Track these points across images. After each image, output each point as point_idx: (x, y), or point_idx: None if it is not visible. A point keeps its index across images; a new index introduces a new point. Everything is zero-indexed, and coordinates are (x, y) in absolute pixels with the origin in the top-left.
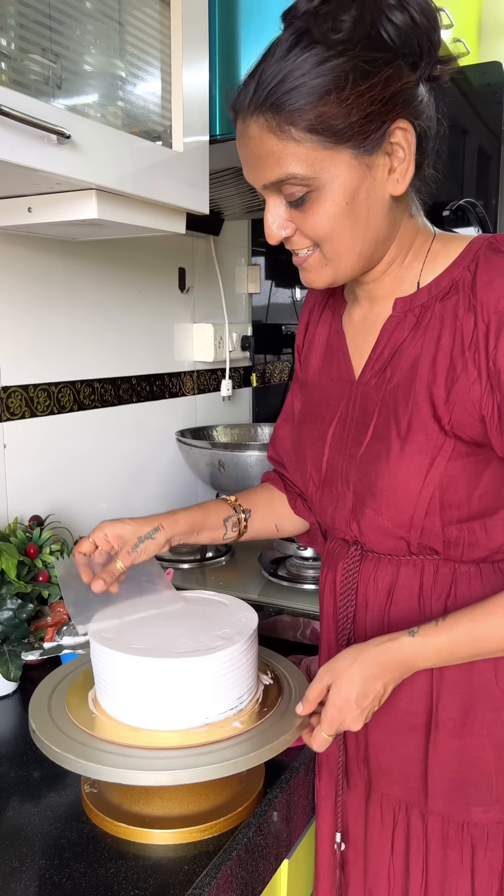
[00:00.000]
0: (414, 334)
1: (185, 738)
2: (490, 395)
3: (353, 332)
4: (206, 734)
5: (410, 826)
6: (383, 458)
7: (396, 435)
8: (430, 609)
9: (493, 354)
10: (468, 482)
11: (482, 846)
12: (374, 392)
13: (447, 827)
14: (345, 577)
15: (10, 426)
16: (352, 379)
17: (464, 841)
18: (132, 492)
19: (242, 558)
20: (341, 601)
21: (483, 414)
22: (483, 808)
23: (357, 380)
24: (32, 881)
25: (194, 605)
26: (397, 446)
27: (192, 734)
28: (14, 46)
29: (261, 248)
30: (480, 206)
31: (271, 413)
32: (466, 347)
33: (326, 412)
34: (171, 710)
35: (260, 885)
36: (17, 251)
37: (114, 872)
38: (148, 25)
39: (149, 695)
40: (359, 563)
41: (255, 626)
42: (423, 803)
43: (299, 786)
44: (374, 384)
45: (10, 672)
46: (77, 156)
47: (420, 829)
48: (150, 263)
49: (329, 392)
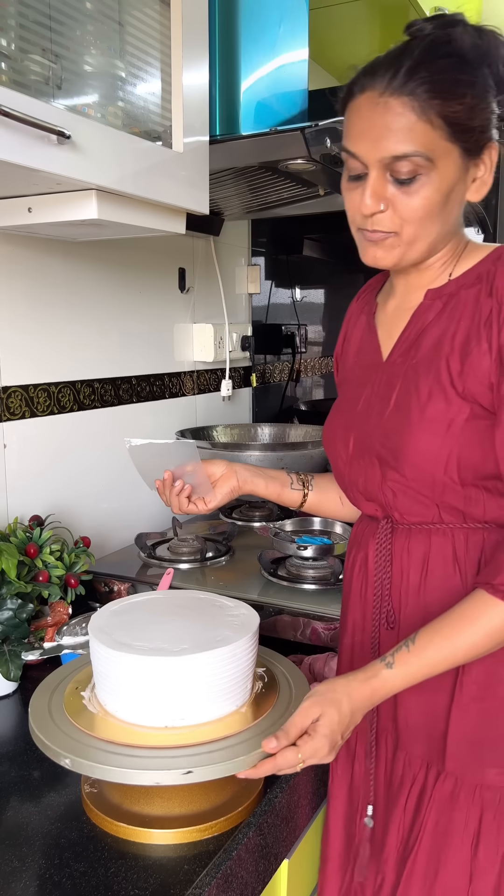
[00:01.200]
0: (439, 317)
1: (185, 737)
2: (497, 365)
3: (386, 320)
4: (206, 733)
5: (426, 785)
6: (405, 425)
7: (417, 404)
8: (467, 574)
9: (501, 329)
10: (483, 444)
11: (491, 808)
12: (398, 369)
13: (459, 788)
14: (378, 552)
15: (10, 426)
16: (380, 361)
17: (473, 804)
18: (132, 492)
19: (242, 558)
20: (376, 577)
21: (491, 382)
22: (497, 769)
23: (385, 361)
24: (32, 881)
25: (195, 604)
26: (417, 413)
27: (193, 733)
28: (14, 46)
29: (261, 248)
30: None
31: (271, 413)
32: (482, 325)
33: (356, 394)
34: (171, 708)
35: (260, 885)
36: (17, 251)
37: (114, 872)
38: (148, 26)
39: (149, 693)
40: (391, 537)
41: (256, 624)
42: (440, 762)
43: (299, 785)
44: (399, 362)
45: (10, 672)
46: (77, 156)
47: (433, 789)
48: (150, 264)
49: (360, 377)
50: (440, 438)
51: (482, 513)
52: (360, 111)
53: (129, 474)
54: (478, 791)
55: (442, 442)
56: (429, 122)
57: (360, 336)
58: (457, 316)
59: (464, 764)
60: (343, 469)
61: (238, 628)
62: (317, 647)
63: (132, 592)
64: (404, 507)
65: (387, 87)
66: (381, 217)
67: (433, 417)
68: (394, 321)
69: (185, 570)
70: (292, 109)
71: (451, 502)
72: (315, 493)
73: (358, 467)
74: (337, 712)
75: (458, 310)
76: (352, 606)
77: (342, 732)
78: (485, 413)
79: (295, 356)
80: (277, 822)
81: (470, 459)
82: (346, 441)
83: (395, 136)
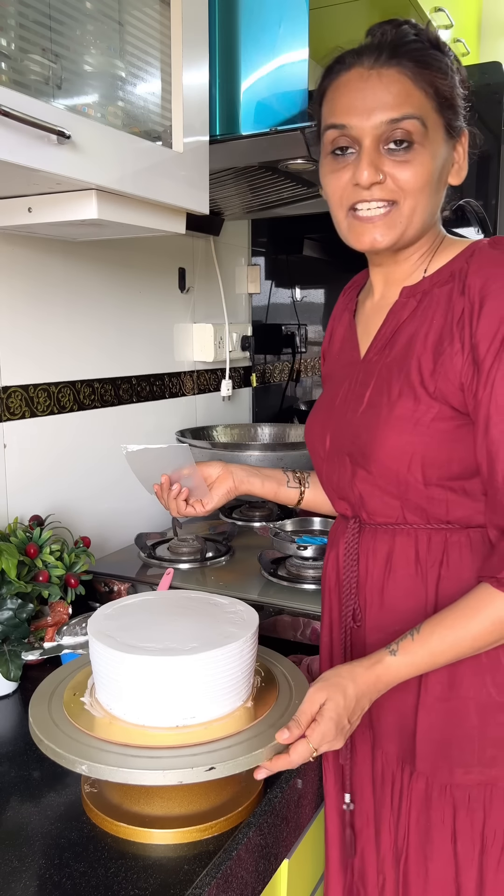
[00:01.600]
0: (413, 315)
1: (185, 737)
2: (470, 365)
3: (365, 318)
4: (219, 730)
5: (403, 784)
6: (374, 423)
7: (387, 402)
8: (426, 575)
9: (475, 329)
10: (449, 444)
11: (464, 807)
12: (373, 367)
13: (430, 788)
14: (346, 550)
15: (10, 426)
16: (358, 359)
17: (445, 803)
18: (132, 492)
19: (242, 558)
20: (345, 574)
21: (462, 382)
22: (464, 769)
23: (362, 359)
24: (32, 881)
25: (195, 604)
26: (386, 411)
27: (205, 731)
28: (14, 46)
29: (261, 248)
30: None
31: (271, 413)
32: (454, 324)
33: (335, 391)
34: (182, 708)
35: (260, 885)
36: (17, 251)
37: (114, 872)
38: (148, 25)
39: (149, 693)
40: (358, 536)
41: (255, 624)
42: (412, 762)
43: (299, 784)
44: (374, 361)
45: (10, 672)
46: (77, 156)
47: (408, 788)
48: (150, 263)
49: (340, 374)
50: (406, 436)
51: (444, 513)
52: (350, 84)
53: (128, 475)
54: (448, 790)
55: (407, 440)
56: (422, 89)
57: (342, 333)
58: (430, 315)
59: (432, 764)
60: (321, 466)
61: (241, 624)
62: (317, 648)
63: (132, 592)
64: (371, 506)
65: (375, 62)
66: (381, 187)
67: (400, 416)
68: (372, 319)
69: (185, 570)
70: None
71: (415, 501)
72: (312, 491)
73: (332, 465)
74: (342, 696)
75: (431, 308)
76: (326, 604)
77: (349, 717)
78: (452, 414)
79: (295, 356)
80: (277, 822)
81: (435, 459)
82: (324, 438)
83: (392, 101)
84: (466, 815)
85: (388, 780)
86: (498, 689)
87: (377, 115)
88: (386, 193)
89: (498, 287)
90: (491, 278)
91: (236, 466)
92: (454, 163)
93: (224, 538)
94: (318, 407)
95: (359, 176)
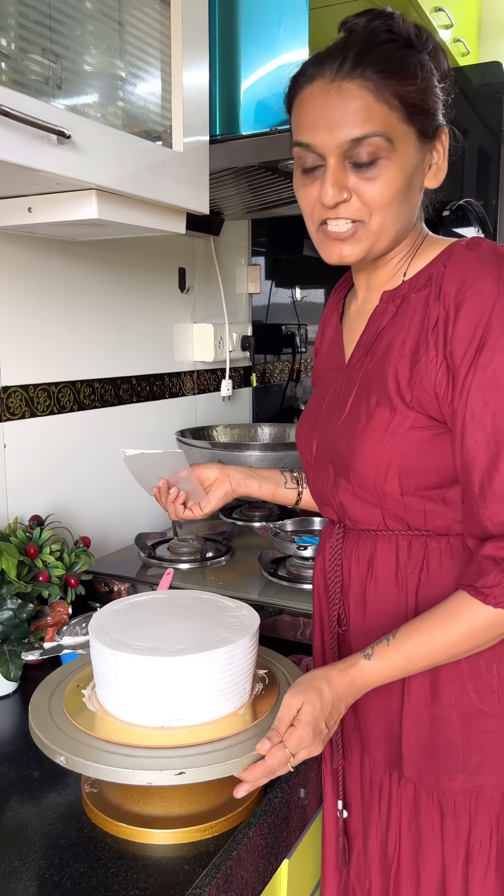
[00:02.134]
0: (392, 322)
1: (168, 738)
2: (445, 374)
3: (349, 323)
4: (203, 734)
5: (392, 790)
6: (351, 432)
7: (365, 411)
8: (406, 582)
9: (450, 336)
10: (426, 453)
11: (450, 814)
12: (356, 374)
13: (418, 794)
14: (332, 554)
15: (10, 426)
16: (343, 364)
17: (433, 809)
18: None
19: (242, 558)
20: (330, 577)
21: (437, 391)
22: (449, 776)
23: (346, 365)
24: (32, 881)
25: (201, 605)
26: (364, 420)
27: (189, 734)
28: (14, 46)
29: (261, 248)
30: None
31: (271, 413)
32: (430, 331)
33: (322, 395)
34: (167, 709)
35: (260, 885)
36: (17, 251)
37: (114, 872)
38: (148, 25)
39: (135, 692)
40: (343, 541)
41: (256, 625)
42: (399, 768)
43: (299, 785)
44: (357, 367)
45: (10, 672)
46: (77, 156)
47: (398, 794)
48: (150, 263)
49: (327, 378)
50: (382, 447)
51: (423, 522)
52: (312, 100)
53: (128, 475)
54: (435, 796)
55: (383, 450)
56: (385, 102)
57: (330, 335)
58: (407, 321)
59: (419, 770)
60: (308, 472)
61: (237, 630)
62: None
63: (132, 592)
64: (353, 514)
65: (337, 73)
66: (346, 206)
67: (377, 426)
68: (355, 323)
69: (185, 571)
70: None
71: (393, 510)
72: (307, 495)
73: (317, 472)
74: (319, 699)
75: (409, 315)
76: (316, 607)
77: (325, 720)
78: (429, 422)
79: (295, 356)
80: (277, 822)
81: (412, 468)
82: (311, 444)
83: (353, 118)
84: (452, 823)
85: (377, 786)
86: (480, 696)
87: (339, 133)
88: (351, 213)
89: (472, 293)
90: (466, 284)
91: (233, 468)
92: (431, 164)
93: (224, 538)
94: (308, 410)
95: (323, 196)
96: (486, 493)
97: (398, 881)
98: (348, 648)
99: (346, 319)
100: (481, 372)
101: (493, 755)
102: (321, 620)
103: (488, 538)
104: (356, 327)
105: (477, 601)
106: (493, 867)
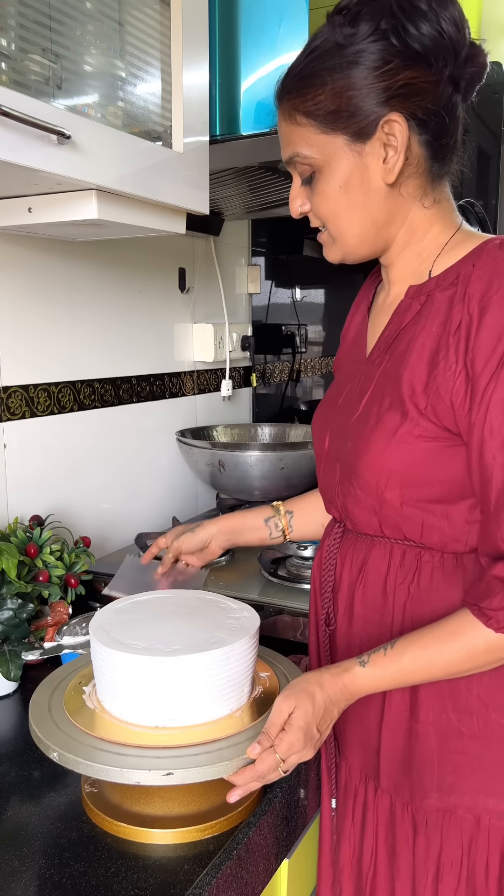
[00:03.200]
0: (416, 320)
1: (162, 738)
2: (464, 382)
3: (376, 314)
4: (196, 735)
5: (367, 798)
6: (360, 433)
7: (376, 413)
8: (395, 592)
9: (472, 343)
10: (433, 465)
11: (422, 831)
12: (374, 371)
13: (394, 807)
14: (328, 552)
15: (10, 426)
16: (364, 358)
17: (407, 822)
18: (132, 492)
19: (242, 558)
20: (324, 575)
21: (453, 401)
22: (423, 793)
23: (366, 359)
24: (32, 881)
25: (204, 605)
26: (373, 422)
27: (183, 735)
28: (14, 46)
29: (261, 248)
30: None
31: (271, 413)
32: (451, 335)
33: (340, 388)
34: (162, 709)
35: (260, 885)
36: (17, 251)
37: (114, 872)
38: (148, 25)
39: (141, 692)
40: (340, 540)
41: (255, 627)
42: (376, 779)
43: (299, 785)
44: (376, 364)
45: (10, 672)
46: (77, 156)
47: (374, 804)
48: (150, 263)
49: (347, 371)
50: (386, 452)
51: (419, 535)
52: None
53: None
54: (409, 811)
55: (387, 456)
56: (295, 122)
57: (356, 325)
58: (429, 322)
59: (395, 783)
60: (318, 464)
61: (235, 631)
62: None
63: None
64: (354, 516)
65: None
66: (312, 215)
67: (385, 430)
68: (379, 316)
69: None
70: None
71: (390, 517)
72: (296, 532)
73: (326, 468)
74: (311, 703)
75: (432, 315)
76: (312, 605)
77: (317, 725)
78: (440, 433)
79: (295, 356)
80: (277, 822)
81: (414, 479)
82: (324, 438)
83: (283, 142)
84: (424, 840)
85: (352, 792)
86: (458, 716)
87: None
88: (314, 221)
89: (500, 297)
90: (493, 286)
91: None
92: (385, 159)
93: None
94: (325, 401)
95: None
96: (501, 513)
97: (374, 889)
98: (335, 649)
99: (374, 309)
100: (503, 384)
101: (468, 777)
102: (316, 618)
103: (501, 558)
104: (380, 320)
105: (479, 622)
106: (463, 889)
